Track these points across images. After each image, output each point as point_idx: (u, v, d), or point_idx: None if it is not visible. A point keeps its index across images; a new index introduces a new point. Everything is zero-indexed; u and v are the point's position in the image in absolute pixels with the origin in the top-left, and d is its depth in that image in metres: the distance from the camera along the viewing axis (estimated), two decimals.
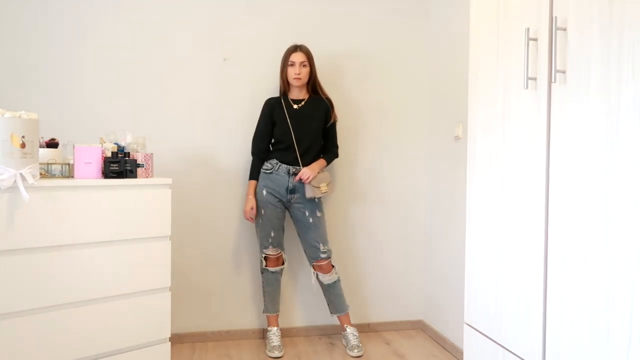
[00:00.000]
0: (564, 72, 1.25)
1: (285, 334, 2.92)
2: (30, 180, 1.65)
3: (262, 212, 2.67)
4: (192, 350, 2.72)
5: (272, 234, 2.67)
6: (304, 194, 2.65)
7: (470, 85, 1.67)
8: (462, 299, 2.64)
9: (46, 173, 1.95)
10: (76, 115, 2.69)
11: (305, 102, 2.72)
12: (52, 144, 2.07)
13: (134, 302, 1.95)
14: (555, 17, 1.24)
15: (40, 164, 1.89)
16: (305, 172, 2.60)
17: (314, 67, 2.72)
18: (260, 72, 2.90)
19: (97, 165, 1.93)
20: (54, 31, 2.67)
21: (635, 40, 1.04)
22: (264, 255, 2.70)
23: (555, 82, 1.26)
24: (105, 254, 1.87)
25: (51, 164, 1.96)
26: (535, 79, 1.34)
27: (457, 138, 2.72)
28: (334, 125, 2.79)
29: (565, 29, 1.24)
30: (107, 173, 1.93)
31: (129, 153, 2.00)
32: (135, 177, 1.98)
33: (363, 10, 3.02)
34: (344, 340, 2.77)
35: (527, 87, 1.36)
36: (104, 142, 2.06)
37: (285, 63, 2.68)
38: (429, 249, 3.07)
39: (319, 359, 2.61)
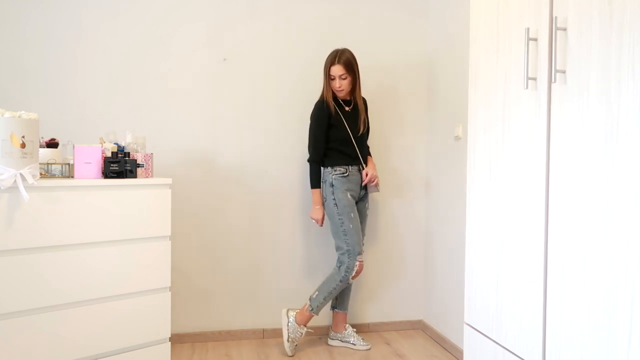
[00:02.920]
0: (564, 72, 1.24)
1: None
2: (30, 180, 1.65)
3: (352, 215, 2.62)
4: (192, 350, 2.72)
5: (362, 237, 2.69)
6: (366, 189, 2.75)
7: (470, 85, 1.67)
8: (462, 299, 2.64)
9: (46, 173, 1.95)
10: (76, 115, 2.70)
11: (353, 104, 2.75)
12: (52, 144, 2.07)
13: (134, 302, 1.95)
14: (555, 17, 1.24)
15: (40, 164, 1.89)
16: (375, 175, 2.71)
17: (357, 73, 2.69)
18: (260, 72, 2.90)
19: (97, 165, 1.94)
20: (54, 31, 2.67)
21: (635, 41, 1.04)
22: (357, 262, 2.59)
23: (555, 82, 1.26)
24: (105, 254, 1.87)
25: (51, 164, 1.96)
26: (535, 79, 1.34)
27: (457, 138, 2.72)
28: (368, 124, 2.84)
29: (565, 29, 1.24)
30: (107, 173, 1.93)
31: (129, 153, 2.00)
32: (135, 177, 1.98)
33: (363, 10, 3.02)
34: (338, 340, 2.79)
35: (527, 87, 1.36)
36: (104, 142, 2.06)
37: (326, 75, 2.67)
38: (429, 248, 3.07)
39: (319, 359, 2.61)
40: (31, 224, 1.70)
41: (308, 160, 2.71)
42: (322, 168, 2.71)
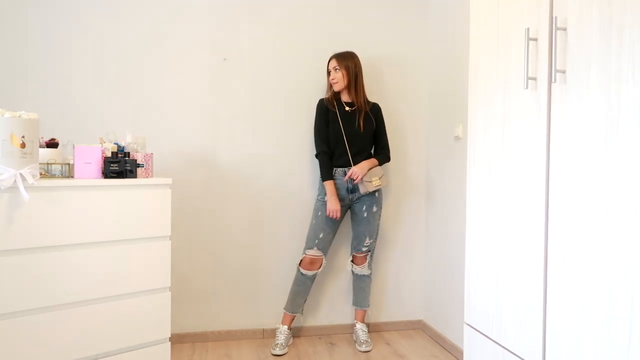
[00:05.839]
0: (564, 72, 1.25)
1: None
2: (30, 180, 1.65)
3: (319, 213, 2.71)
4: (192, 350, 2.72)
5: (321, 236, 2.71)
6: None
7: (470, 85, 1.67)
8: (462, 299, 2.64)
9: (46, 173, 1.95)
10: (76, 115, 2.69)
11: (356, 106, 2.75)
12: (52, 144, 2.07)
13: (134, 302, 1.95)
14: (555, 17, 1.24)
15: (40, 164, 1.89)
16: (355, 172, 2.65)
17: (352, 70, 2.71)
18: (260, 72, 2.90)
19: (97, 165, 1.93)
20: (54, 31, 2.67)
21: (635, 40, 1.04)
22: (303, 254, 2.73)
23: (555, 82, 1.26)
24: (105, 254, 1.87)
25: (51, 164, 1.96)
26: (535, 79, 1.34)
27: (457, 138, 2.72)
28: (382, 128, 2.82)
29: (565, 29, 1.24)
30: (107, 173, 1.93)
31: (129, 153, 2.00)
32: (135, 177, 1.98)
33: (362, 10, 3.02)
34: (354, 336, 2.88)
35: (527, 87, 1.36)
36: (104, 142, 2.06)
37: (327, 71, 2.79)
38: (429, 248, 3.07)
39: (319, 359, 2.61)
40: (31, 224, 1.69)
41: (315, 156, 2.75)
42: None
